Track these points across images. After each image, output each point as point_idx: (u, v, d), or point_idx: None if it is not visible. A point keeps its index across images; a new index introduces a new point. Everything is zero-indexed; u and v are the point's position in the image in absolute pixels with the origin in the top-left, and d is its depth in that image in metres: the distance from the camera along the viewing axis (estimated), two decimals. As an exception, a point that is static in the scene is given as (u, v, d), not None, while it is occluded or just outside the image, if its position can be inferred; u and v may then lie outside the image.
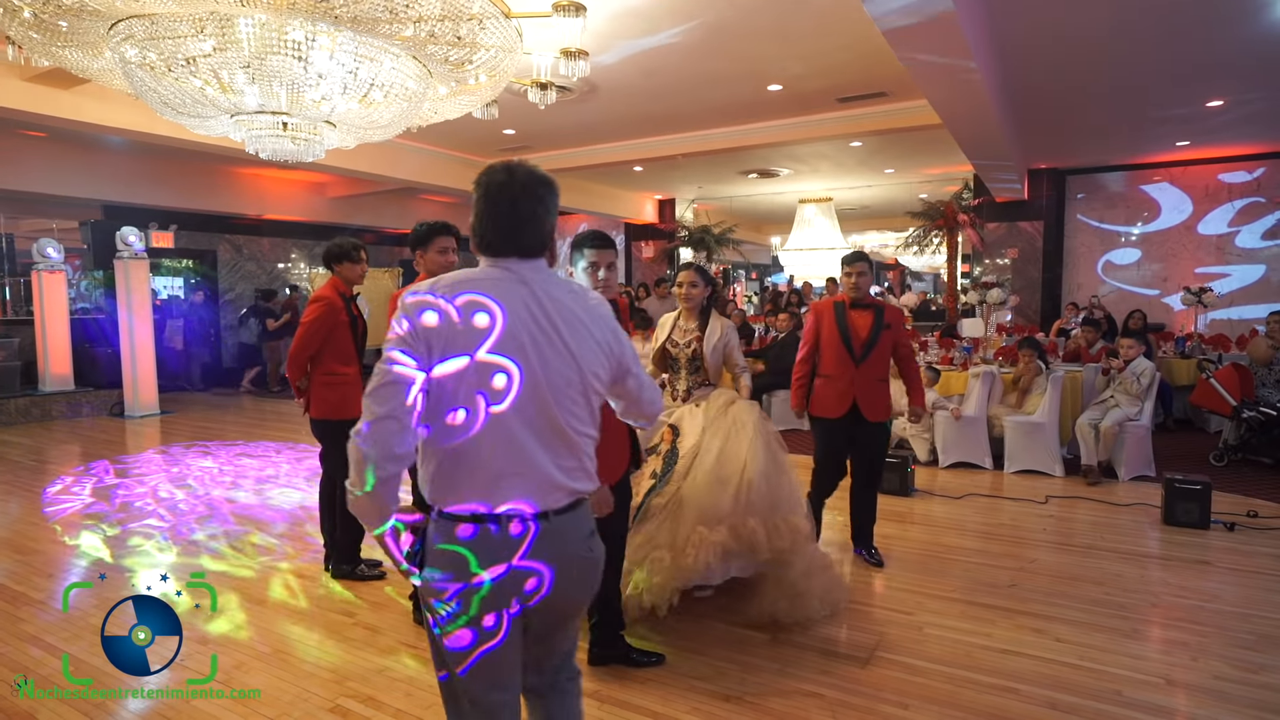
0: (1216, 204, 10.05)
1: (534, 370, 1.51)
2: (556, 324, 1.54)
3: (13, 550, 4.28)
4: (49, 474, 6.15)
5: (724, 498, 3.14)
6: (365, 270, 3.87)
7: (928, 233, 11.96)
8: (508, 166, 1.56)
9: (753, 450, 3.26)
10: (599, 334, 1.61)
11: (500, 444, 1.50)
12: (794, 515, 3.21)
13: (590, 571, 1.65)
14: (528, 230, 1.56)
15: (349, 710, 2.62)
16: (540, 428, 1.53)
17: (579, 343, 1.57)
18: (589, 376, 1.58)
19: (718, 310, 3.58)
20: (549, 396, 1.52)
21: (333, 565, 3.84)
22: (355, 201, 12.56)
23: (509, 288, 1.54)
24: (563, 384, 1.54)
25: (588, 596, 1.68)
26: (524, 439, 1.51)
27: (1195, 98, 7.13)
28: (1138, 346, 5.80)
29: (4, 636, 3.18)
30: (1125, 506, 5.01)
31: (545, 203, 1.59)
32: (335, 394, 3.66)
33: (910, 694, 2.70)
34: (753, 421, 3.35)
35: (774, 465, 3.30)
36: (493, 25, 3.69)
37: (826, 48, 6.07)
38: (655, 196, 14.55)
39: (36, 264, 8.93)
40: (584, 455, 1.60)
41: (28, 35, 3.62)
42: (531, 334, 1.52)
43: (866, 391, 3.80)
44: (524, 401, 1.51)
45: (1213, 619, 3.32)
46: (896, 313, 3.95)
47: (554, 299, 1.56)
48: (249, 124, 4.16)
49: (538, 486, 1.53)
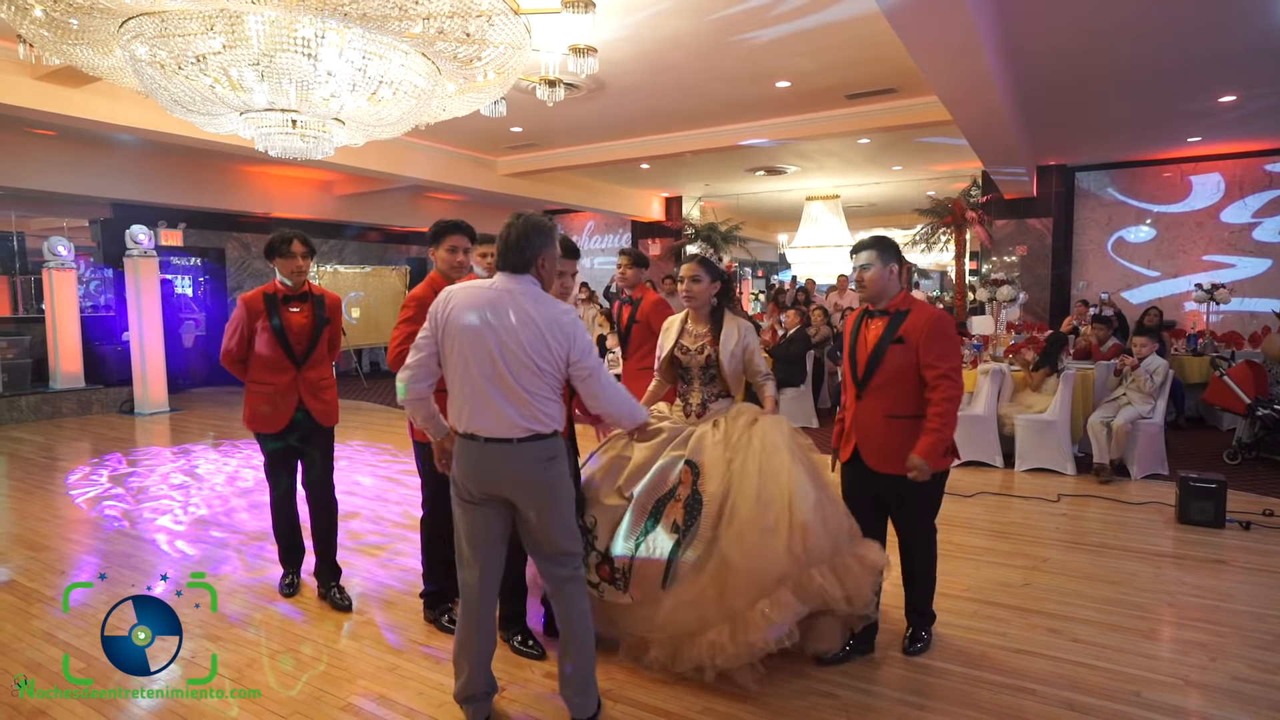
0: (1252, 191, 9.83)
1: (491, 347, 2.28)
2: (514, 321, 2.27)
3: (25, 547, 4.30)
4: (60, 470, 6.17)
5: (776, 552, 2.62)
6: (300, 266, 3.42)
7: (935, 230, 11.91)
8: (519, 213, 2.39)
9: (795, 482, 2.72)
10: (550, 334, 2.29)
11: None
12: (858, 544, 2.76)
13: (539, 488, 2.34)
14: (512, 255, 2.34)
15: (361, 709, 2.61)
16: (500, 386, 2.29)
17: (529, 334, 2.27)
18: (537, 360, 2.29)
19: (731, 309, 3.10)
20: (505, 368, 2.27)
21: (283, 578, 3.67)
22: (362, 199, 12.57)
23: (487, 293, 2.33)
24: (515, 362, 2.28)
25: (540, 504, 2.35)
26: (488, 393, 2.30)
27: (1207, 92, 7.07)
28: (1151, 344, 5.76)
29: (17, 633, 3.19)
30: (1138, 505, 4.97)
31: (531, 240, 2.33)
32: (253, 402, 3.41)
33: (925, 693, 2.68)
34: (785, 443, 2.81)
35: (822, 493, 2.80)
36: (501, 22, 3.67)
37: (835, 44, 6.03)
38: (662, 194, 14.52)
39: (47, 262, 8.96)
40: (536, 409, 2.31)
41: (39, 33, 3.62)
42: (491, 324, 2.27)
43: (870, 431, 2.84)
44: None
45: (1230, 619, 3.29)
46: (925, 318, 2.78)
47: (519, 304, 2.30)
48: (258, 121, 4.15)
49: (500, 423, 2.29)
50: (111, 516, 4.87)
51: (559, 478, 2.39)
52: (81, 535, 4.55)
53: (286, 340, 3.41)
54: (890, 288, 2.86)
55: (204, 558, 4.12)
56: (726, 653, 2.58)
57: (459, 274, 3.20)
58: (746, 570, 2.60)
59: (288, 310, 3.43)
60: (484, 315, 2.27)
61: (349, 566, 3.90)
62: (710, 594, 2.63)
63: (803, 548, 2.63)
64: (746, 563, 2.61)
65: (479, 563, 2.42)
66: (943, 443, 2.72)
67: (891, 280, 2.86)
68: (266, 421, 3.41)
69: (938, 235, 11.94)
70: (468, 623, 2.44)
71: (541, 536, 2.40)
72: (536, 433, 2.30)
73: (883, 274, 2.85)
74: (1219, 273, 9.99)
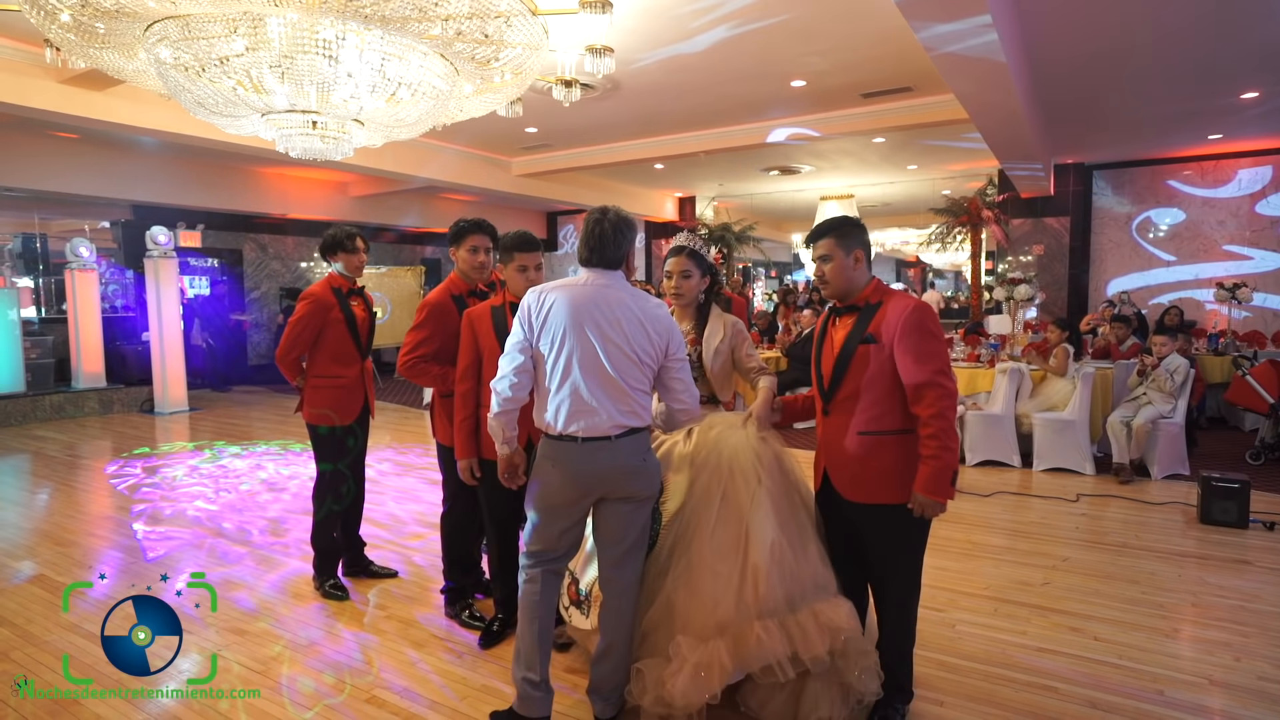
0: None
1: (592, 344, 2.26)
2: (618, 315, 2.26)
3: (53, 542, 4.37)
4: (83, 468, 6.27)
5: (719, 595, 2.29)
6: (363, 260, 3.63)
7: (951, 229, 11.84)
8: (603, 208, 2.36)
9: (757, 514, 2.36)
10: (651, 328, 2.29)
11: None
12: (827, 603, 2.32)
13: (640, 480, 2.34)
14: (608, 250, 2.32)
15: (385, 701, 2.64)
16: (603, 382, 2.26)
17: (632, 329, 2.26)
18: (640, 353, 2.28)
19: (719, 304, 2.83)
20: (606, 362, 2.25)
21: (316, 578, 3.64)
22: (377, 200, 12.67)
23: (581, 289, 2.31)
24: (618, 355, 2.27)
25: (640, 497, 2.35)
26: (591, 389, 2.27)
27: (1229, 90, 6.99)
28: (1171, 343, 5.71)
29: (47, 625, 3.25)
30: (1159, 505, 4.93)
31: (625, 236, 2.33)
32: (324, 397, 3.44)
33: (946, 691, 2.67)
34: (752, 465, 2.44)
35: (794, 531, 2.40)
36: (520, 22, 3.70)
37: (851, 43, 6.02)
38: (676, 194, 14.53)
39: (69, 263, 9.10)
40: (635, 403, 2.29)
41: (66, 37, 3.68)
42: (594, 319, 2.25)
43: (839, 452, 2.38)
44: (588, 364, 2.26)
45: (1254, 619, 3.26)
46: (899, 311, 2.26)
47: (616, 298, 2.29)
48: (279, 123, 4.21)
49: (600, 421, 2.26)
50: (136, 512, 4.94)
51: (656, 469, 2.40)
52: (106, 531, 4.62)
53: (356, 332, 3.52)
54: (857, 279, 2.38)
55: (223, 554, 4.17)
56: (645, 692, 2.30)
57: (480, 275, 3.22)
58: (685, 613, 2.32)
59: (351, 304, 3.55)
60: (588, 312, 2.25)
61: (369, 563, 3.94)
62: (653, 627, 2.42)
63: (754, 595, 2.28)
64: (688, 606, 2.32)
65: (545, 567, 2.37)
66: (947, 469, 2.20)
67: (858, 270, 2.37)
68: (341, 414, 3.45)
69: (953, 235, 11.87)
70: (532, 623, 2.35)
71: (629, 532, 2.34)
72: (632, 428, 2.29)
73: (845, 264, 2.36)
74: (1236, 264, 9.86)
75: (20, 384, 8.64)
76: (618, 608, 2.37)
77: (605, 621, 2.39)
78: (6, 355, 8.56)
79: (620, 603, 2.37)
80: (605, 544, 2.38)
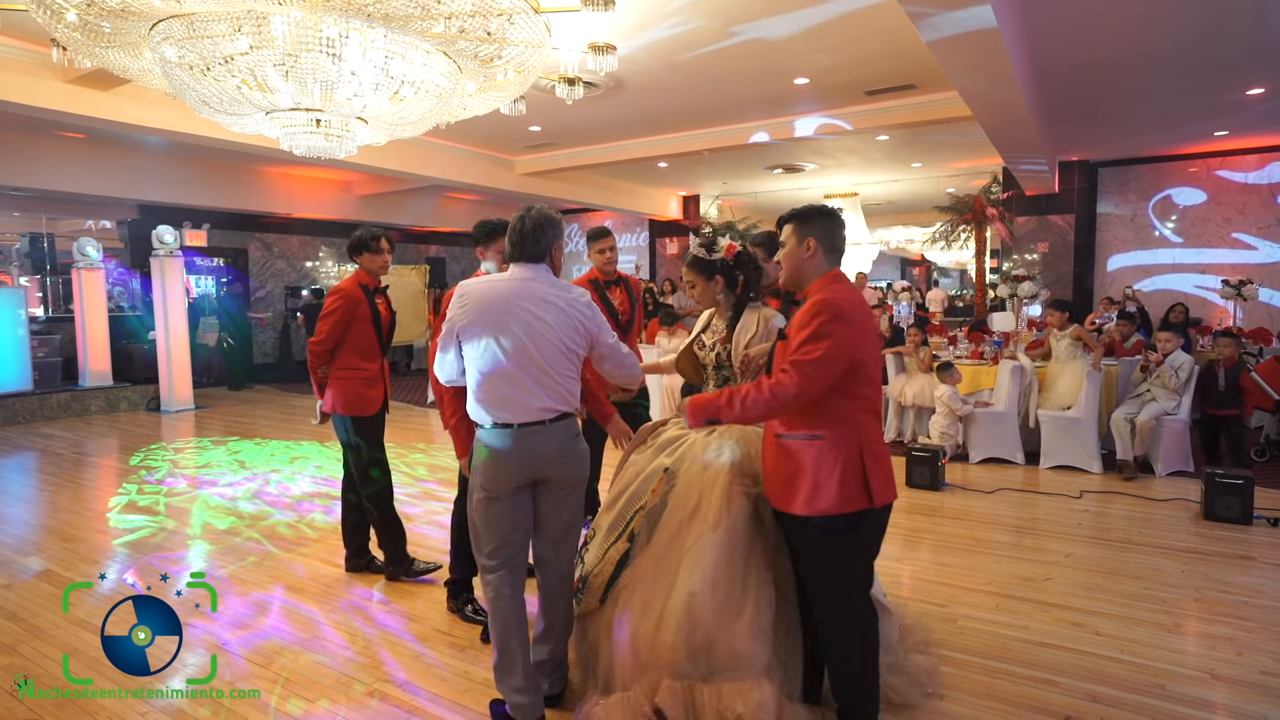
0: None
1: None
2: (541, 306, 2.35)
3: (59, 538, 4.41)
4: (89, 466, 6.31)
5: (641, 628, 2.26)
6: (388, 261, 3.76)
7: (955, 227, 11.83)
8: (526, 207, 2.46)
9: (690, 555, 2.26)
10: (574, 315, 2.38)
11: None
12: (735, 684, 2.14)
13: (573, 462, 2.45)
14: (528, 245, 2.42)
15: (387, 694, 2.66)
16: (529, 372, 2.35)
17: (555, 318, 2.35)
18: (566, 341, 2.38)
19: (754, 300, 2.67)
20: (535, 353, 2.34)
21: (386, 568, 3.72)
22: (382, 199, 12.71)
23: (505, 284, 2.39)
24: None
25: (574, 478, 2.46)
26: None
27: (1235, 85, 6.96)
28: (1176, 340, 5.69)
29: (53, 619, 3.28)
30: (1163, 502, 4.91)
31: (545, 231, 2.42)
32: (349, 389, 3.56)
33: (947, 684, 2.67)
34: (721, 501, 2.31)
35: (726, 592, 2.21)
36: (522, 20, 3.71)
37: (854, 40, 6.02)
38: (679, 193, 14.53)
39: (76, 262, 9.15)
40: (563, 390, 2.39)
41: (72, 37, 3.71)
42: (519, 311, 2.33)
43: (764, 456, 2.31)
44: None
45: (1258, 614, 3.25)
46: (808, 304, 2.13)
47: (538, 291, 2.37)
48: (284, 121, 4.23)
49: (533, 407, 2.35)
50: (143, 509, 4.97)
51: (585, 453, 2.49)
52: (112, 527, 4.65)
53: (380, 328, 3.67)
54: (808, 269, 2.19)
55: (230, 549, 4.19)
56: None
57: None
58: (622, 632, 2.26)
59: (376, 301, 3.70)
60: (513, 304, 2.33)
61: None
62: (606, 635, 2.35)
63: (659, 642, 2.22)
64: (636, 626, 2.26)
65: (507, 568, 2.39)
66: (717, 409, 2.09)
67: (810, 260, 2.18)
68: (368, 404, 3.58)
69: (958, 233, 11.85)
70: (504, 624, 2.36)
71: (563, 514, 2.45)
72: (564, 412, 2.39)
73: (797, 252, 2.18)
74: (1243, 253, 9.83)
75: (28, 382, 8.70)
76: (556, 588, 2.48)
77: (545, 603, 2.50)
78: (14, 354, 8.62)
79: (559, 584, 2.49)
80: (541, 527, 2.48)
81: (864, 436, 2.07)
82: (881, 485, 2.06)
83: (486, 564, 2.41)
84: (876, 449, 2.09)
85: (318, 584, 3.67)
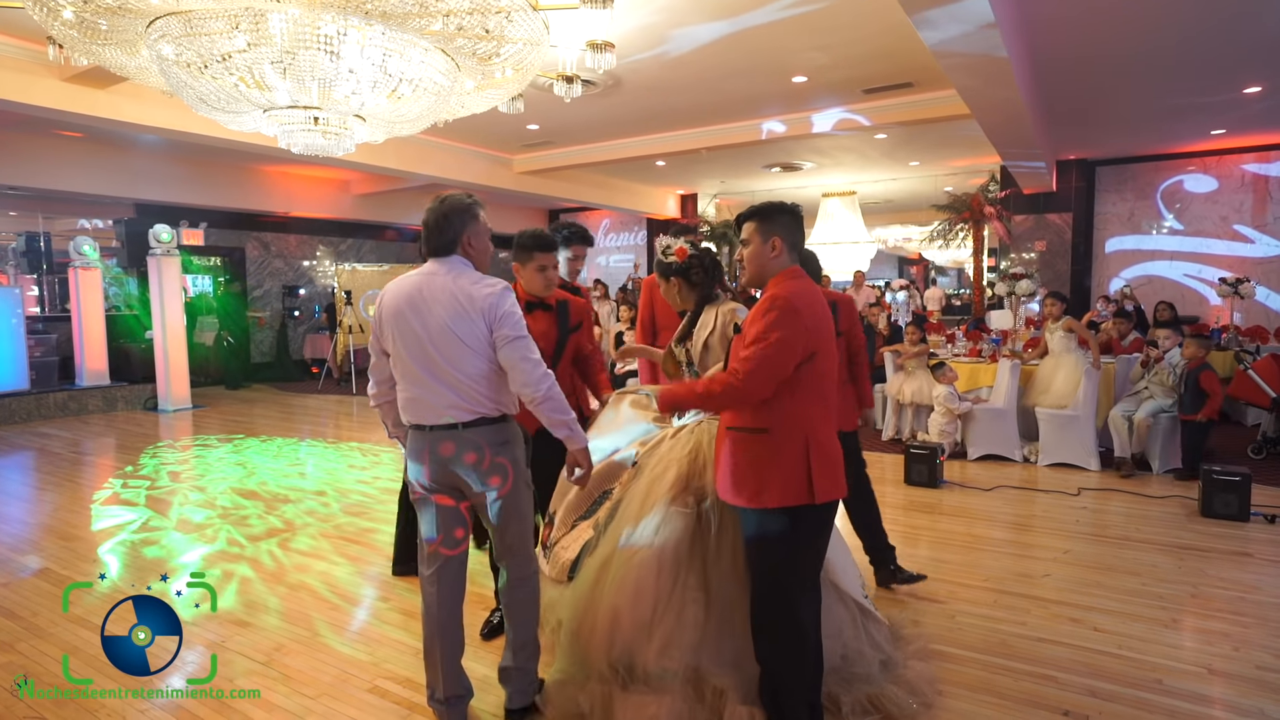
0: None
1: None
2: (434, 300, 2.23)
3: (58, 537, 4.40)
4: (87, 465, 6.30)
5: (584, 629, 2.40)
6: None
7: (953, 226, 11.83)
8: (438, 197, 2.32)
9: (627, 570, 2.34)
10: (469, 306, 2.22)
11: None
12: (639, 698, 2.25)
13: (489, 473, 2.29)
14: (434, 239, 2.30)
15: (387, 690, 2.66)
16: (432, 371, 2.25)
17: (449, 312, 2.22)
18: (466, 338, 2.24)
19: (711, 297, 2.62)
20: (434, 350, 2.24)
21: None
22: (379, 199, 12.69)
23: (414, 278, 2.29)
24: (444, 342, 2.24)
25: (490, 489, 2.30)
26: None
27: (1232, 84, 6.98)
28: (1175, 337, 5.71)
29: (52, 618, 3.27)
30: (1160, 499, 4.93)
31: (451, 221, 2.28)
32: None
33: (945, 680, 2.67)
34: (659, 519, 2.36)
35: (650, 602, 2.30)
36: (520, 18, 3.71)
37: (852, 38, 6.02)
38: (678, 191, 14.54)
39: (73, 261, 9.14)
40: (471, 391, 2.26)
41: (68, 34, 3.70)
42: (416, 308, 2.24)
43: (717, 450, 2.29)
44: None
45: (1254, 610, 3.26)
46: (761, 301, 2.12)
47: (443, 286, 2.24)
48: (281, 119, 4.23)
49: (443, 409, 2.25)
50: (139, 508, 4.96)
51: (513, 464, 2.31)
52: (110, 526, 4.65)
53: None
54: (769, 266, 2.18)
55: (227, 549, 4.19)
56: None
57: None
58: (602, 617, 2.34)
59: None
60: (411, 301, 2.24)
61: (365, 557, 3.96)
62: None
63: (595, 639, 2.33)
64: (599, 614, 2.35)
65: (434, 562, 2.33)
66: (684, 398, 2.20)
67: (775, 259, 2.17)
68: None
69: (955, 231, 11.86)
70: (429, 627, 2.34)
71: (499, 520, 2.32)
72: (482, 415, 2.25)
73: (762, 251, 2.18)
74: (1241, 245, 9.86)
75: (25, 382, 8.69)
76: (521, 599, 2.39)
77: (513, 615, 2.38)
78: (11, 353, 8.60)
79: (522, 593, 2.39)
80: (492, 530, 2.37)
81: (812, 432, 2.05)
82: (826, 482, 2.04)
83: (422, 570, 2.37)
84: (825, 445, 2.07)
85: (318, 583, 3.67)
